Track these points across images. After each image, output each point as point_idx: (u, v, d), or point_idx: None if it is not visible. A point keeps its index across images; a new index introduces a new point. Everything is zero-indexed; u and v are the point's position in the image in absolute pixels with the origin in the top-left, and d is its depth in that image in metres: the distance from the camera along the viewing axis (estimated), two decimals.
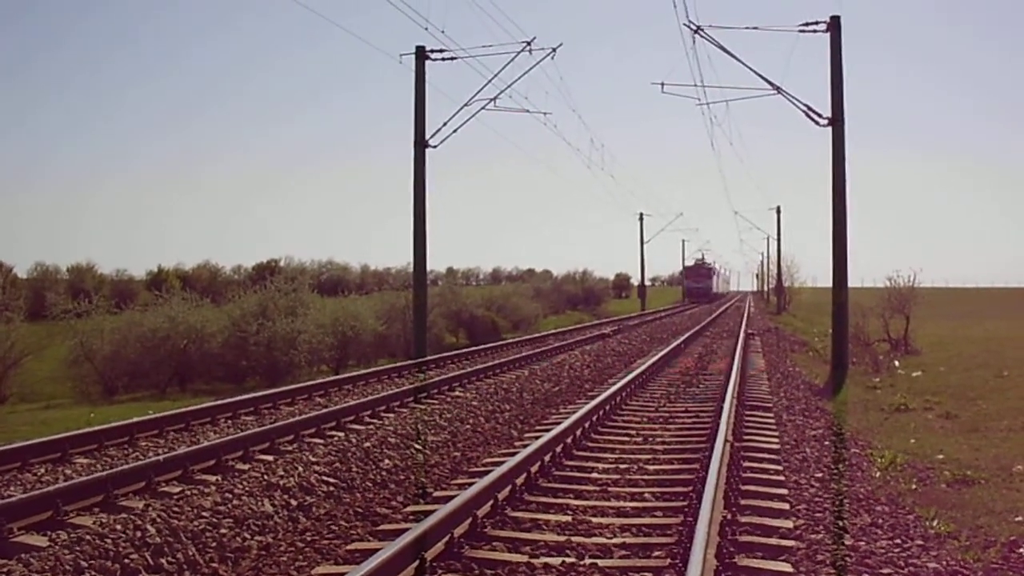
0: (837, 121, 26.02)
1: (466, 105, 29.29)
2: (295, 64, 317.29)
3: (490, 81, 29.25)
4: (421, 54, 29.33)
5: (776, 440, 13.75)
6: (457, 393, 18.97)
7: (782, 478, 11.07)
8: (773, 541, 8.28)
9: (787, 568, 7.60)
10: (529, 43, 28.46)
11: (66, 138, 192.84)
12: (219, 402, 17.21)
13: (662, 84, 28.96)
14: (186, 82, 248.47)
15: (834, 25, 26.13)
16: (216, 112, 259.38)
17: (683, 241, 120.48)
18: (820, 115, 26.12)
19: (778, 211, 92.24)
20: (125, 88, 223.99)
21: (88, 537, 8.33)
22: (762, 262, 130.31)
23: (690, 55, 77.06)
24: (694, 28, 25.81)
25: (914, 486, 11.68)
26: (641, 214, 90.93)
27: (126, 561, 7.92)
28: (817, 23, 26.23)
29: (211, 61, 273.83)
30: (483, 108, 29.46)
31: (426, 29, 29.86)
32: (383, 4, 25.11)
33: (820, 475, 11.55)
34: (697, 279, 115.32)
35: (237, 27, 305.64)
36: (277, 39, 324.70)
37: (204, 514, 9.33)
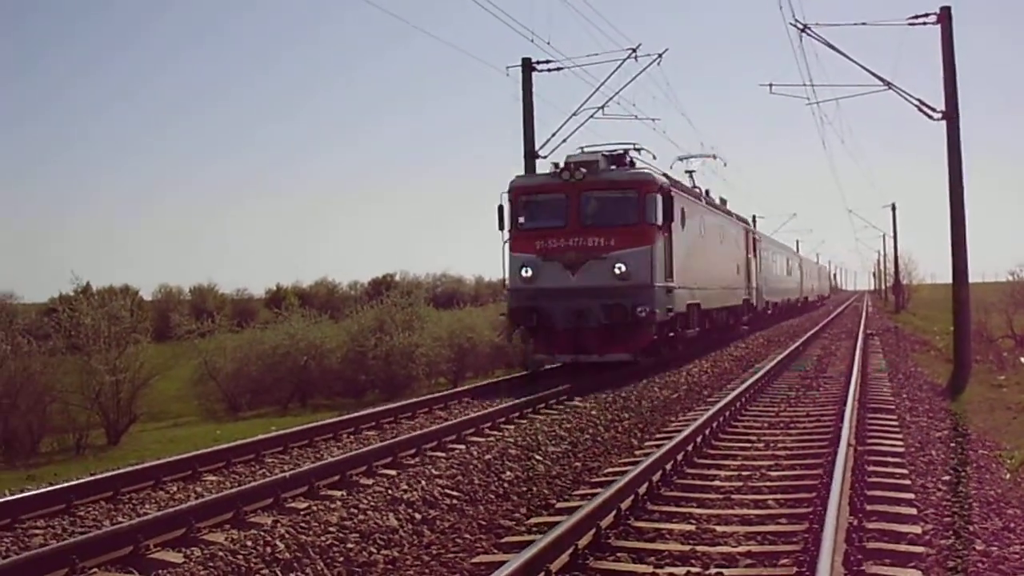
0: (951, 115, 25.45)
1: (574, 115, 28.97)
2: (399, 72, 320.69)
3: (597, 90, 28.86)
4: (528, 66, 29.49)
5: (900, 443, 13.54)
6: (576, 403, 18.98)
7: (908, 482, 10.91)
8: (902, 547, 8.18)
9: (917, 575, 7.50)
10: (635, 50, 28.23)
11: (192, 163, 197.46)
12: (342, 418, 17.49)
13: (770, 85, 28.37)
14: (280, 85, 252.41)
15: (945, 16, 25.56)
16: (315, 119, 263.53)
17: (796, 241, 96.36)
18: (933, 109, 25.60)
19: (893, 208, 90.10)
20: (223, 92, 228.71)
21: (220, 553, 8.57)
22: (878, 260, 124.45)
23: (798, 54, 76.01)
24: (801, 27, 25.41)
25: None
26: (754, 216, 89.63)
27: None
28: (927, 15, 25.72)
29: (304, 65, 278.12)
30: (591, 117, 28.93)
31: (532, 41, 29.88)
32: (488, 17, 25.36)
33: (947, 478, 11.35)
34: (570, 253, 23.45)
35: (344, 31, 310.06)
36: (378, 45, 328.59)
37: (331, 529, 9.52)
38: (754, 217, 79.55)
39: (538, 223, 24.22)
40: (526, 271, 23.83)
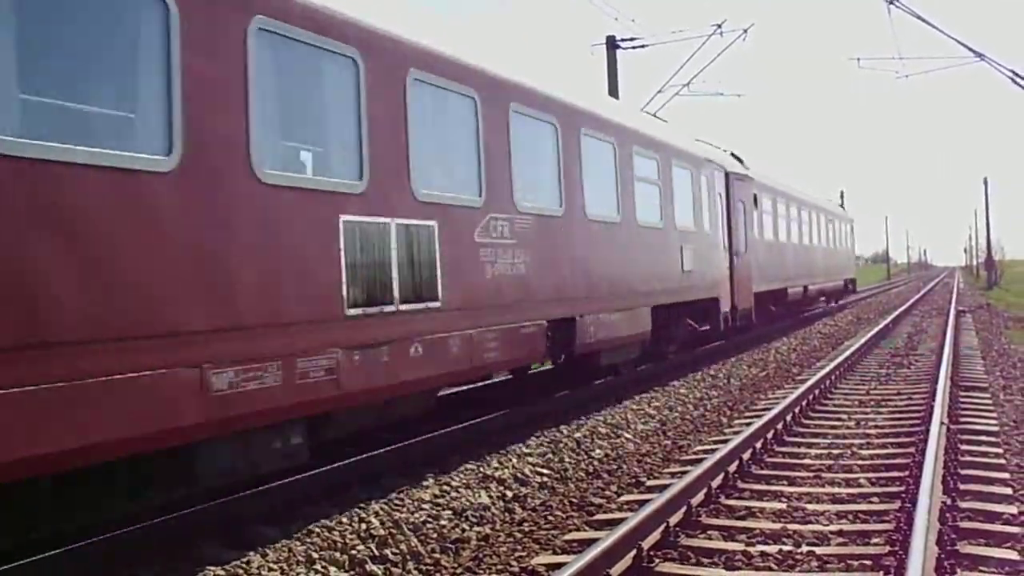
0: None
1: (659, 92, 29.21)
2: None
3: (683, 66, 29.04)
4: (612, 44, 29.45)
5: (995, 421, 13.38)
6: (663, 381, 19.01)
7: (1003, 461, 10.79)
8: (997, 527, 8.12)
9: (1014, 556, 7.44)
10: (720, 26, 28.24)
11: None
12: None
13: (858, 59, 28.38)
14: None
15: None
16: None
17: (886, 218, 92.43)
18: None
19: (985, 182, 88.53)
20: None
21: (317, 529, 8.75)
22: (969, 236, 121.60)
23: (886, 27, 75.16)
24: None
25: None
26: (842, 192, 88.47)
27: (353, 552, 8.28)
28: None
29: None
30: (676, 94, 29.29)
31: (616, 19, 29.87)
32: None
33: None
34: None
35: None
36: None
37: (424, 506, 9.66)
38: (842, 193, 78.34)
39: None
40: None
